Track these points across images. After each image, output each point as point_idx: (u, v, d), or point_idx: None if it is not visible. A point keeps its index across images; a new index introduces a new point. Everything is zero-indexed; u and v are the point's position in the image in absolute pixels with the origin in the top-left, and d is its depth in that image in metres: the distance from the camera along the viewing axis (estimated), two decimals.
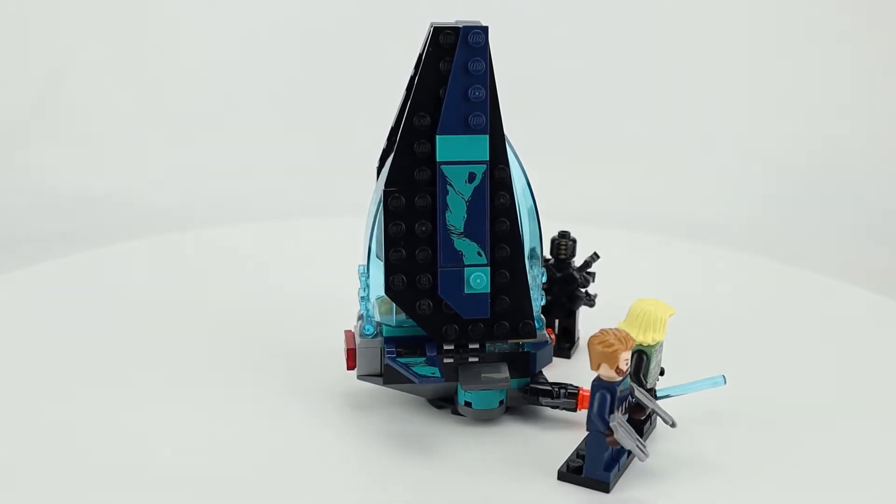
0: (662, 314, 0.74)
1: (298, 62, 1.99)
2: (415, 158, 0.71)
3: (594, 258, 0.89)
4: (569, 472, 0.70)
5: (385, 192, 0.72)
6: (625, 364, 0.67)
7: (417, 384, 0.73)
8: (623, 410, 0.69)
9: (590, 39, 2.00)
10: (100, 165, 1.87)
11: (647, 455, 0.67)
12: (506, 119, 0.73)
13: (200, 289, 1.04)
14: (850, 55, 1.97)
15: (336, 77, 1.97)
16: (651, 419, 0.75)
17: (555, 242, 0.87)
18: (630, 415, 0.70)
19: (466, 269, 0.72)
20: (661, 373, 0.76)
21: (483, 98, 0.71)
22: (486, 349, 0.75)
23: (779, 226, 1.79)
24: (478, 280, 0.73)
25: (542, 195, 0.78)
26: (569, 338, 0.89)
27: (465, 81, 0.71)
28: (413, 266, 0.72)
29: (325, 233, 1.20)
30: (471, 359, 0.75)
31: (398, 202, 0.71)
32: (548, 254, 0.87)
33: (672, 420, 0.70)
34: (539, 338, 0.76)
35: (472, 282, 0.72)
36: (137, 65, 1.98)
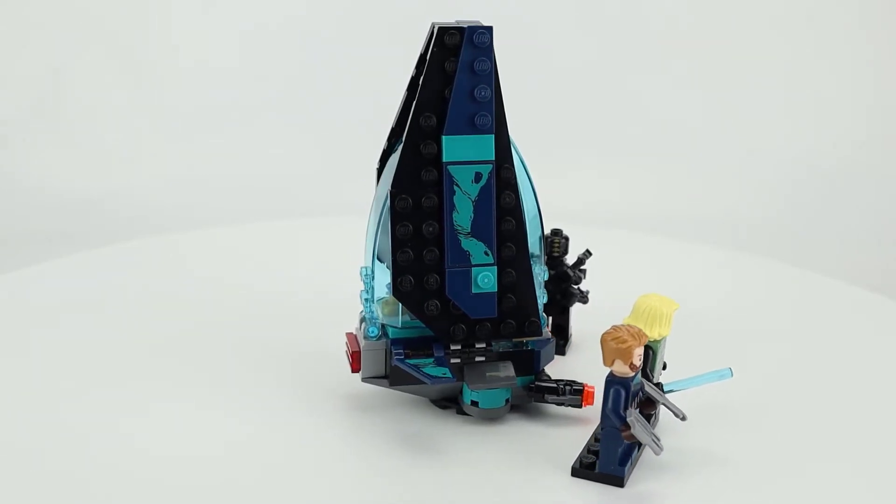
0: (668, 309, 0.74)
1: (298, 62, 1.99)
2: (421, 159, 0.72)
3: (587, 255, 0.89)
4: (582, 468, 0.70)
5: (392, 194, 0.72)
6: (638, 359, 0.67)
7: (428, 384, 0.73)
8: (635, 405, 0.69)
9: (590, 39, 2.00)
10: (100, 165, 1.87)
11: (662, 449, 0.68)
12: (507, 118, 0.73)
13: (200, 289, 1.04)
14: (850, 53, 1.97)
15: (336, 77, 1.97)
16: (654, 414, 0.75)
17: (548, 240, 0.88)
18: (640, 409, 0.71)
19: (474, 269, 0.73)
20: (664, 367, 0.76)
21: (489, 98, 0.71)
22: (494, 348, 0.76)
23: (779, 226, 1.79)
24: (485, 280, 0.73)
25: (542, 195, 0.78)
26: (562, 335, 0.90)
27: (471, 81, 0.71)
28: (420, 267, 0.73)
29: (326, 233, 1.20)
30: (477, 358, 0.75)
31: (405, 203, 0.72)
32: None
33: (682, 414, 0.70)
34: (542, 335, 0.77)
35: (480, 281, 0.73)
36: (137, 65, 1.98)
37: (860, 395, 0.84)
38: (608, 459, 0.69)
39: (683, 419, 0.70)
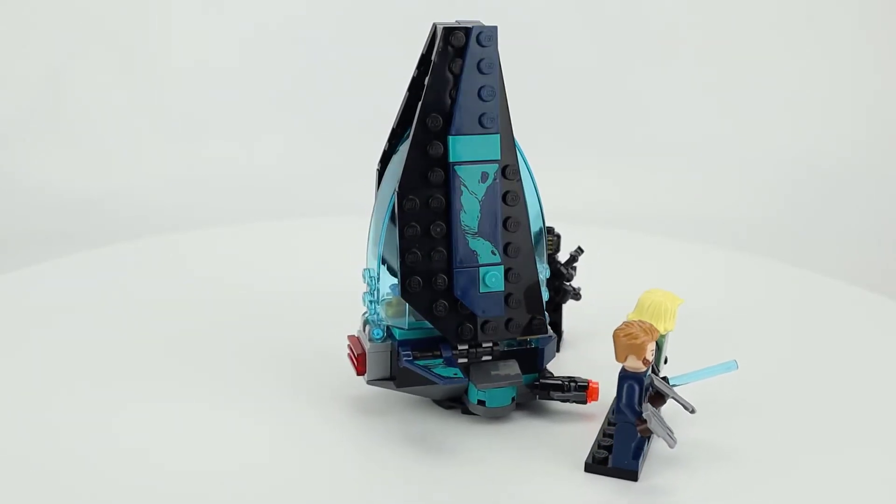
0: (672, 304, 0.75)
1: (298, 62, 1.99)
2: (428, 160, 0.72)
3: (578, 252, 0.89)
4: (595, 464, 0.71)
5: (399, 195, 0.72)
6: (651, 355, 0.68)
7: (440, 385, 0.73)
8: (645, 399, 0.70)
9: (590, 39, 1.99)
10: (100, 165, 1.87)
11: (676, 442, 0.68)
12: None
13: (200, 289, 1.04)
14: (850, 53, 1.97)
15: (336, 77, 1.96)
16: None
17: None
18: (651, 403, 0.71)
19: (481, 269, 0.73)
20: (665, 361, 0.77)
21: (495, 97, 0.71)
22: (499, 347, 0.76)
23: (779, 226, 1.79)
24: (493, 279, 0.73)
25: (541, 195, 0.78)
26: (556, 331, 0.90)
27: (478, 81, 0.71)
28: (429, 267, 0.73)
29: (326, 233, 1.20)
30: (484, 357, 0.75)
31: (412, 204, 0.72)
32: None
33: (692, 407, 0.71)
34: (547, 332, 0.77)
35: (488, 281, 0.73)
36: (137, 65, 1.98)
37: (860, 395, 0.84)
38: (622, 454, 0.70)
39: (693, 412, 0.71)
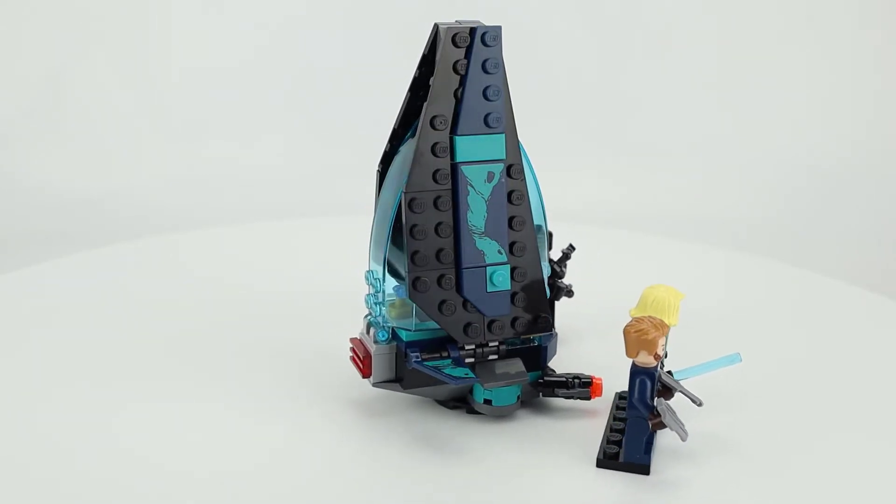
0: (674, 299, 0.76)
1: (298, 63, 1.99)
2: (434, 160, 0.72)
3: (570, 250, 0.89)
4: (607, 459, 0.71)
5: (406, 196, 0.72)
6: (662, 350, 0.68)
7: (450, 385, 0.73)
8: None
9: (590, 40, 2.00)
10: (100, 165, 1.87)
11: (688, 435, 0.69)
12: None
13: (200, 289, 1.04)
14: (850, 53, 1.97)
15: (336, 77, 1.97)
16: None
17: None
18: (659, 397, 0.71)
19: (488, 268, 0.73)
20: (665, 355, 0.77)
21: (500, 97, 0.72)
22: (504, 346, 0.76)
23: (779, 226, 1.79)
24: (500, 278, 0.73)
25: (543, 194, 0.78)
26: None
27: (483, 81, 0.71)
28: (436, 268, 0.73)
29: (326, 233, 1.20)
30: (490, 356, 0.75)
31: (419, 205, 0.72)
32: None
33: (699, 400, 0.71)
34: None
35: (495, 280, 0.73)
36: (137, 65, 1.98)
37: (861, 394, 0.84)
38: (634, 448, 0.70)
39: (700, 405, 0.71)
